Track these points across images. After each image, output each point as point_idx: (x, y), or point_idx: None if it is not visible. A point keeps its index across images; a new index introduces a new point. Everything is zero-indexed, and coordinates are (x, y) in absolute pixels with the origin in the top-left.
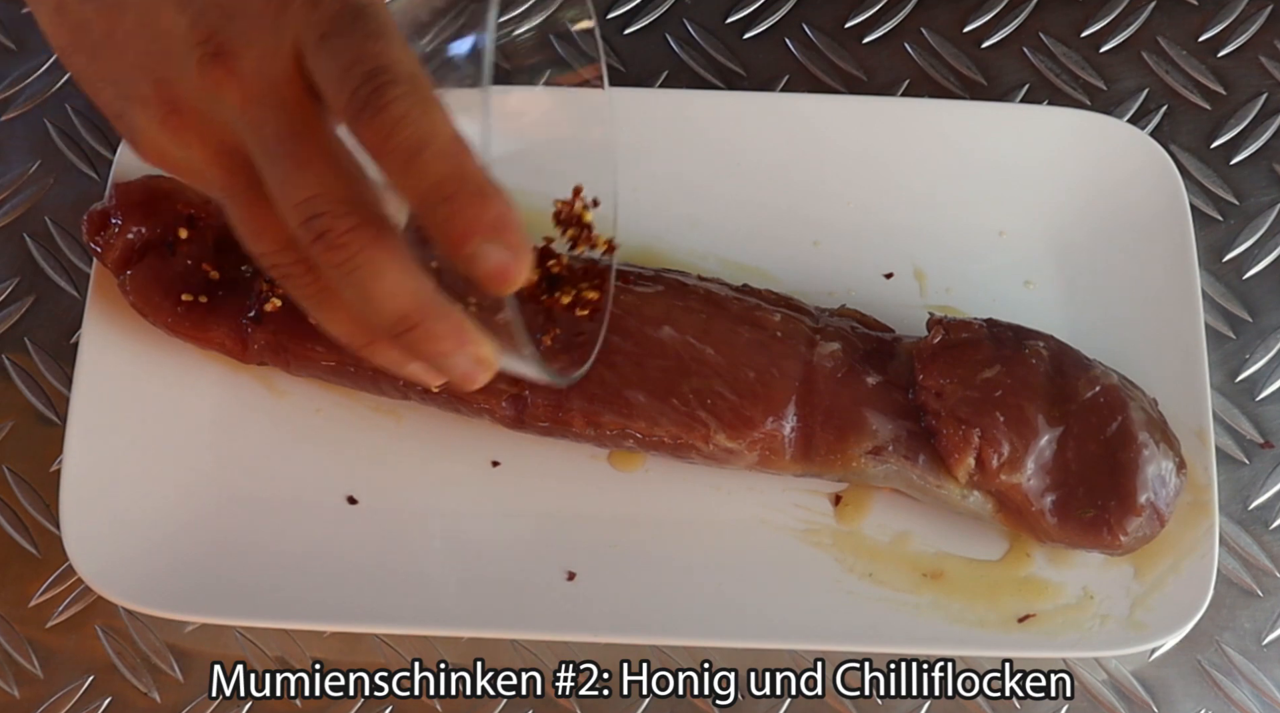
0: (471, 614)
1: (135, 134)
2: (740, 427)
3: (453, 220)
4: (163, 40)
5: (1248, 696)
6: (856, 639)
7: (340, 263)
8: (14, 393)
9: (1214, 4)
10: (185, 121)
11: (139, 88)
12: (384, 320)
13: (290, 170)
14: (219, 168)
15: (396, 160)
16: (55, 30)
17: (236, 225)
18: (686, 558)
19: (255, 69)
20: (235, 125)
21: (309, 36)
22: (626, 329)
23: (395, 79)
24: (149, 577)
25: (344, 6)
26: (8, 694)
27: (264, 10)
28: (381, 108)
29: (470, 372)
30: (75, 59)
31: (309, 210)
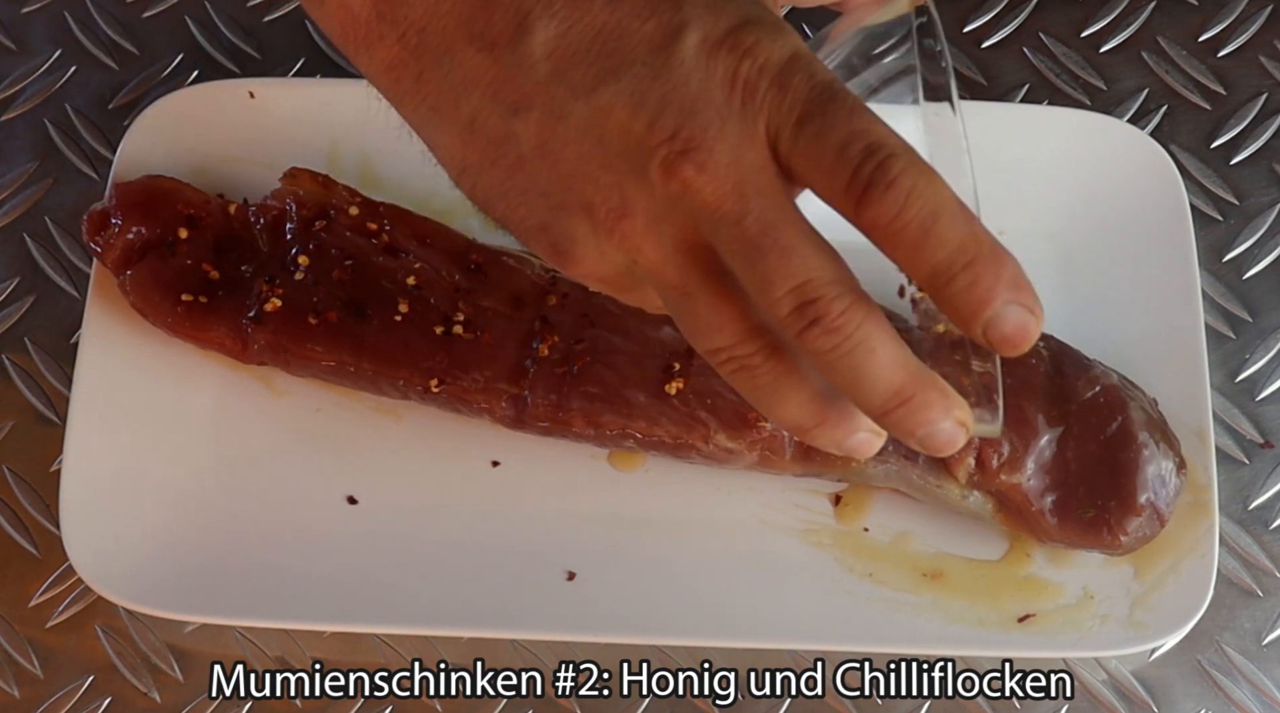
0: (471, 614)
1: (568, 245)
2: (740, 427)
3: (973, 288)
4: (612, 144)
5: (1248, 696)
6: (856, 639)
7: (835, 346)
8: (14, 393)
9: (1214, 4)
10: (636, 225)
11: (578, 196)
12: (875, 398)
13: (777, 260)
14: (674, 268)
15: (909, 236)
16: (464, 149)
17: (686, 322)
18: (686, 558)
19: (729, 162)
20: (699, 222)
21: (784, 122)
22: (626, 329)
23: (894, 153)
24: (149, 577)
25: (815, 86)
26: (8, 694)
27: (728, 101)
28: (889, 185)
29: (952, 437)
30: (489, 175)
31: (801, 297)
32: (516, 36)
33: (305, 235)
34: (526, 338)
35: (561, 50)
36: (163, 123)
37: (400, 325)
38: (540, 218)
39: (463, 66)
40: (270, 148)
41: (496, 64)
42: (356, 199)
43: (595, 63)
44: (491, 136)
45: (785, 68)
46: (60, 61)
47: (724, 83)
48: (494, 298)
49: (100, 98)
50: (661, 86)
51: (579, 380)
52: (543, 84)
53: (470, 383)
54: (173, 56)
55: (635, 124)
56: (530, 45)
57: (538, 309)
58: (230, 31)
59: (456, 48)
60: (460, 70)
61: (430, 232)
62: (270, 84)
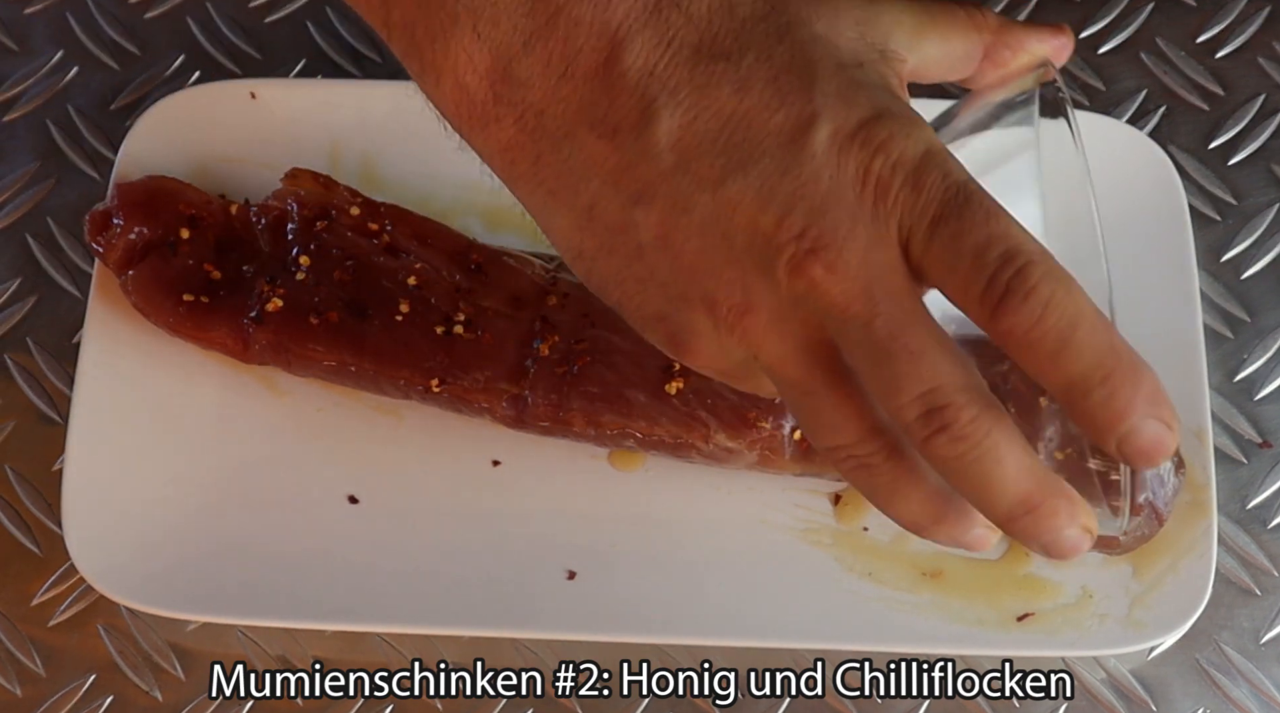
0: (472, 613)
1: (687, 337)
2: (740, 426)
3: (1109, 402)
4: (737, 239)
5: (1246, 695)
6: (856, 638)
7: (962, 454)
8: (16, 393)
9: (1212, 5)
10: (758, 322)
11: (700, 290)
12: (1001, 506)
13: (905, 364)
14: (796, 366)
15: (1045, 347)
16: (580, 235)
17: (806, 419)
18: (686, 558)
19: (859, 262)
20: (825, 321)
21: (918, 223)
22: (627, 329)
23: (1032, 260)
24: (151, 576)
25: (950, 186)
26: (10, 693)
27: (860, 199)
28: (1028, 294)
29: (1077, 544)
30: (605, 262)
31: (928, 403)
32: (641, 124)
33: (306, 235)
34: (527, 338)
35: (687, 140)
36: (164, 123)
37: (401, 325)
38: (657, 307)
39: (583, 152)
40: (271, 148)
41: (618, 151)
42: (357, 199)
43: (722, 154)
44: (610, 224)
45: (919, 165)
46: (62, 62)
47: (855, 180)
48: (494, 298)
49: (102, 98)
50: (791, 182)
51: (579, 380)
52: (667, 174)
53: (471, 383)
54: (174, 57)
55: (763, 220)
56: (655, 134)
57: (538, 309)
58: (232, 32)
59: (577, 133)
60: (580, 156)
61: (431, 232)
62: (272, 85)
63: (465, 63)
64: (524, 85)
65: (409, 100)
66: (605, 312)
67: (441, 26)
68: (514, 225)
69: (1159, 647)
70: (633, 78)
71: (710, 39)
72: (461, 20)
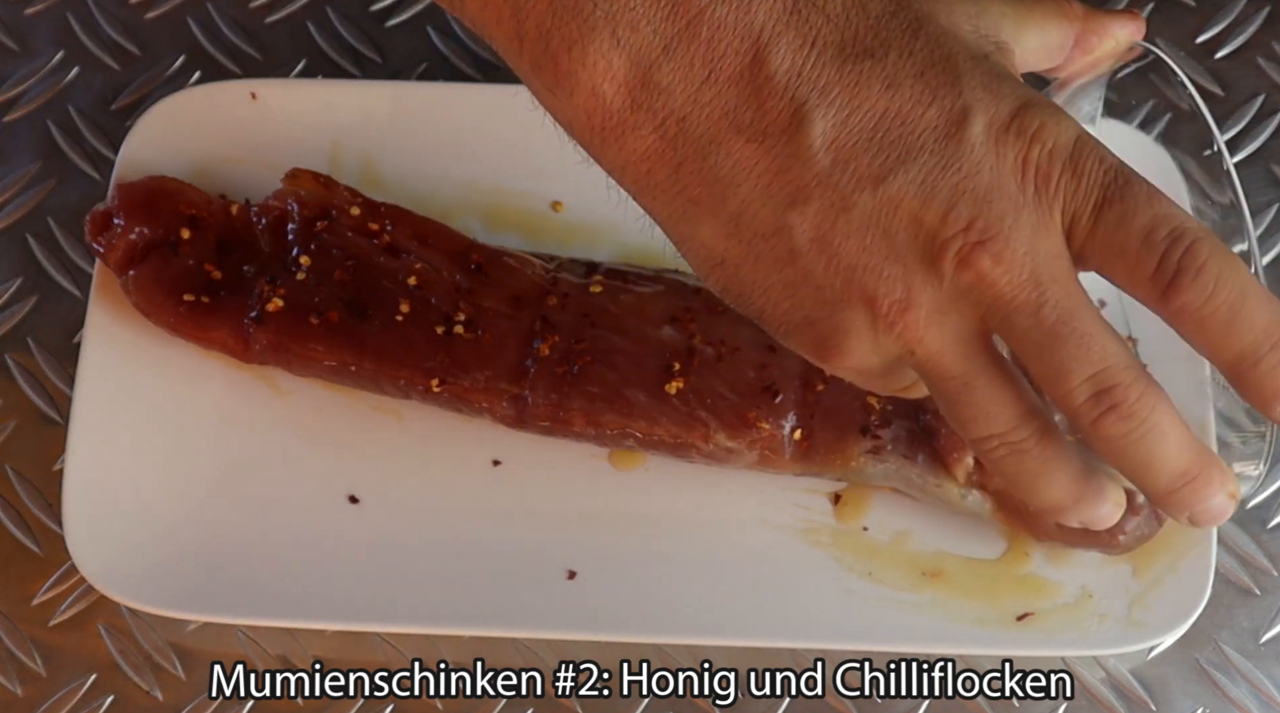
0: (472, 613)
1: (840, 338)
2: (740, 427)
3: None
4: (900, 236)
5: (1245, 694)
6: (856, 638)
7: (1129, 432)
8: (17, 393)
9: (1212, 5)
10: (919, 317)
11: (860, 289)
12: (1164, 480)
13: (1074, 348)
14: (954, 358)
15: (1217, 322)
16: (725, 242)
17: (961, 410)
18: (686, 557)
19: (1026, 251)
20: (988, 312)
21: (1082, 208)
22: (626, 329)
23: (1199, 238)
24: (151, 576)
25: (1108, 170)
26: (10, 693)
27: (1022, 188)
28: (1199, 271)
29: (1223, 510)
30: (750, 268)
31: (1098, 384)
32: (793, 126)
33: (307, 236)
34: (527, 337)
35: (842, 140)
36: (165, 124)
37: (401, 325)
38: (806, 312)
39: (730, 158)
40: (272, 148)
41: (769, 155)
42: (358, 199)
43: (880, 152)
44: (760, 230)
45: (1075, 152)
46: (63, 63)
47: (1016, 170)
48: (495, 298)
49: (103, 99)
50: (953, 176)
51: (579, 380)
52: (823, 175)
53: (471, 382)
54: (175, 58)
55: (927, 215)
56: (809, 135)
57: (538, 309)
58: (232, 33)
59: (723, 138)
60: (728, 162)
61: (431, 232)
62: (272, 85)
63: (603, 70)
64: (665, 92)
65: (409, 100)
66: (605, 312)
67: (579, 33)
68: (514, 225)
69: (1159, 647)
70: (781, 79)
71: (852, 38)
72: (600, 26)
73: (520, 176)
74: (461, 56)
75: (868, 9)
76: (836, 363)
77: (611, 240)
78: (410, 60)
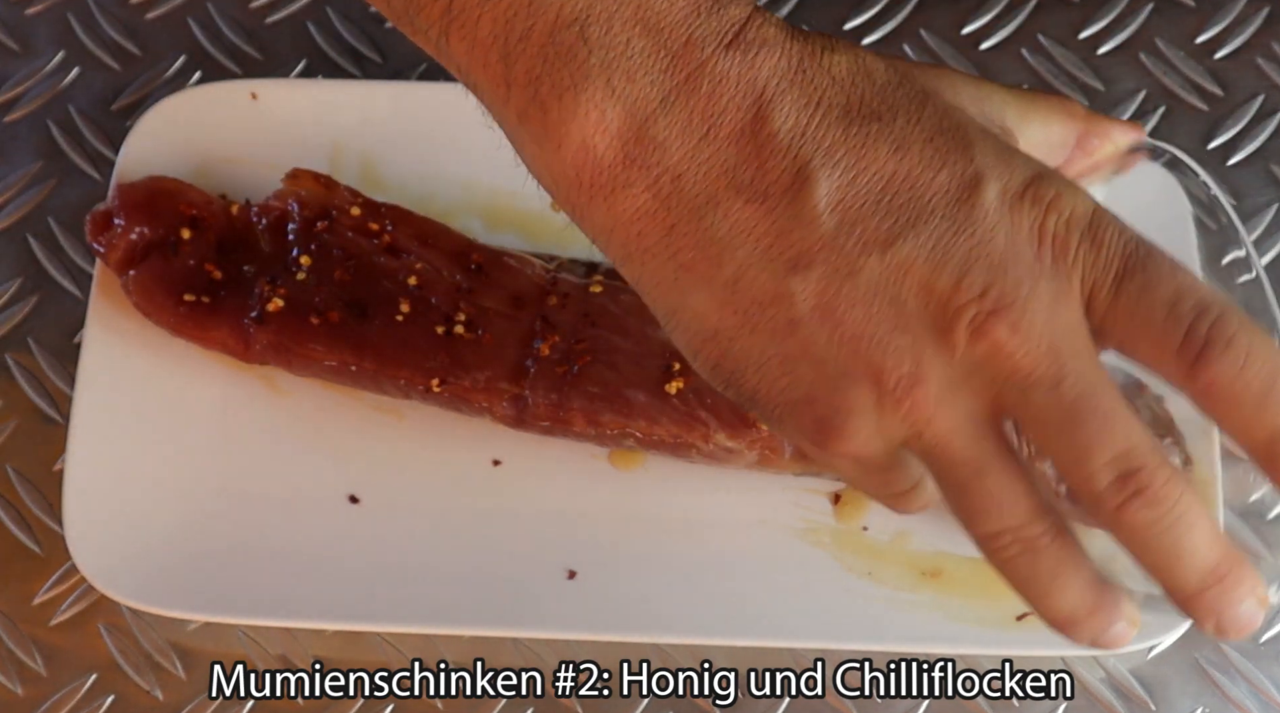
0: (472, 613)
1: (842, 419)
2: (740, 426)
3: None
4: (909, 303)
5: (1245, 694)
6: (856, 638)
7: (1157, 520)
8: (17, 393)
9: (1211, 6)
10: (928, 394)
11: (865, 362)
12: (1193, 576)
13: (1097, 427)
14: (965, 441)
15: (1250, 397)
16: (719, 312)
17: (972, 500)
18: (686, 557)
19: (1045, 322)
20: (1003, 388)
21: (1102, 278)
22: (626, 329)
23: (1226, 310)
24: (152, 575)
25: (1129, 242)
26: (11, 692)
27: (1039, 257)
28: (1229, 343)
29: (1253, 618)
30: (746, 341)
31: (1123, 466)
32: (795, 187)
33: (307, 236)
34: (527, 337)
35: (848, 202)
36: (165, 124)
37: (402, 325)
38: (806, 390)
39: (728, 219)
40: (272, 149)
41: (770, 216)
42: (358, 200)
43: (889, 216)
44: (758, 298)
45: (1093, 222)
46: (63, 63)
47: (1032, 237)
48: (495, 298)
49: (103, 99)
50: (966, 241)
51: (580, 380)
52: (828, 239)
53: (471, 382)
54: (175, 58)
55: (939, 282)
56: (812, 197)
57: (538, 309)
58: (233, 33)
59: (721, 198)
60: (725, 224)
61: (431, 232)
62: (272, 85)
63: (596, 122)
64: (661, 147)
65: (409, 100)
66: (605, 312)
67: (572, 80)
68: (514, 225)
69: (1158, 646)
70: (784, 138)
71: (858, 101)
72: (594, 74)
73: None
74: None
75: (873, 77)
76: (836, 448)
77: None
78: (410, 60)
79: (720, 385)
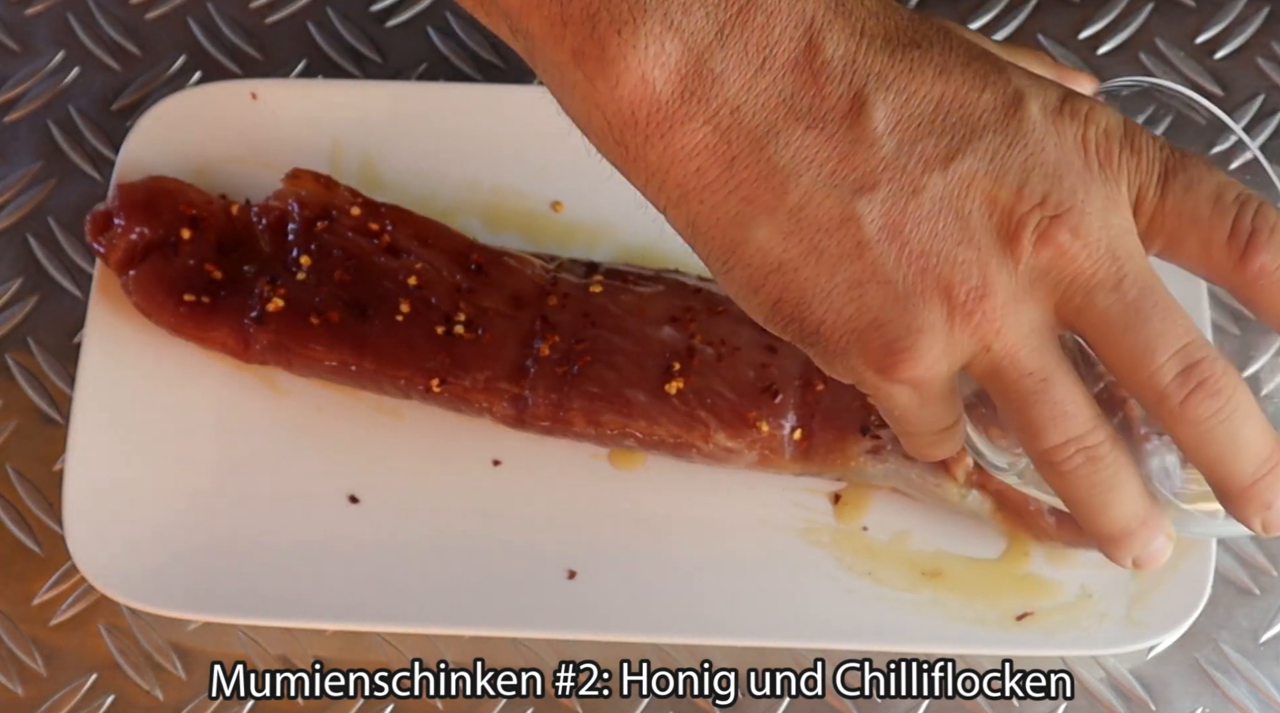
0: (472, 612)
1: (913, 339)
2: (740, 427)
3: None
4: (973, 217)
5: (1245, 694)
6: (855, 637)
7: (1217, 411)
8: (17, 393)
9: (1211, 6)
10: (996, 305)
11: (935, 278)
12: (1249, 465)
13: (1161, 321)
14: (1031, 351)
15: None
16: (784, 242)
17: (1039, 412)
18: (686, 557)
19: (1101, 225)
20: (1067, 293)
21: (1147, 180)
22: (626, 329)
23: (1264, 201)
24: (152, 575)
25: (1164, 146)
26: (11, 692)
27: (1087, 165)
28: (1273, 230)
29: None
30: (810, 270)
31: (1186, 359)
32: (853, 112)
33: (307, 236)
34: (527, 337)
35: (904, 124)
36: (165, 124)
37: (402, 325)
38: (874, 314)
39: (790, 147)
40: (272, 149)
41: (831, 142)
42: (358, 200)
43: (944, 135)
44: (824, 223)
45: (1128, 131)
46: (63, 63)
47: (1077, 148)
48: (495, 298)
49: (103, 99)
50: (1020, 153)
51: (580, 380)
52: (889, 160)
53: (471, 382)
54: (175, 58)
55: (1001, 193)
56: (871, 120)
57: (538, 309)
58: (233, 33)
59: (781, 127)
60: (787, 151)
61: (431, 232)
62: (273, 85)
63: (655, 55)
64: (718, 80)
65: (409, 100)
66: (605, 312)
67: (630, 14)
68: (514, 225)
69: (1158, 646)
70: (837, 66)
71: (895, 30)
72: (652, 8)
73: (520, 176)
74: (461, 57)
75: (900, 11)
76: (902, 372)
77: (611, 240)
78: (410, 60)
79: (780, 325)
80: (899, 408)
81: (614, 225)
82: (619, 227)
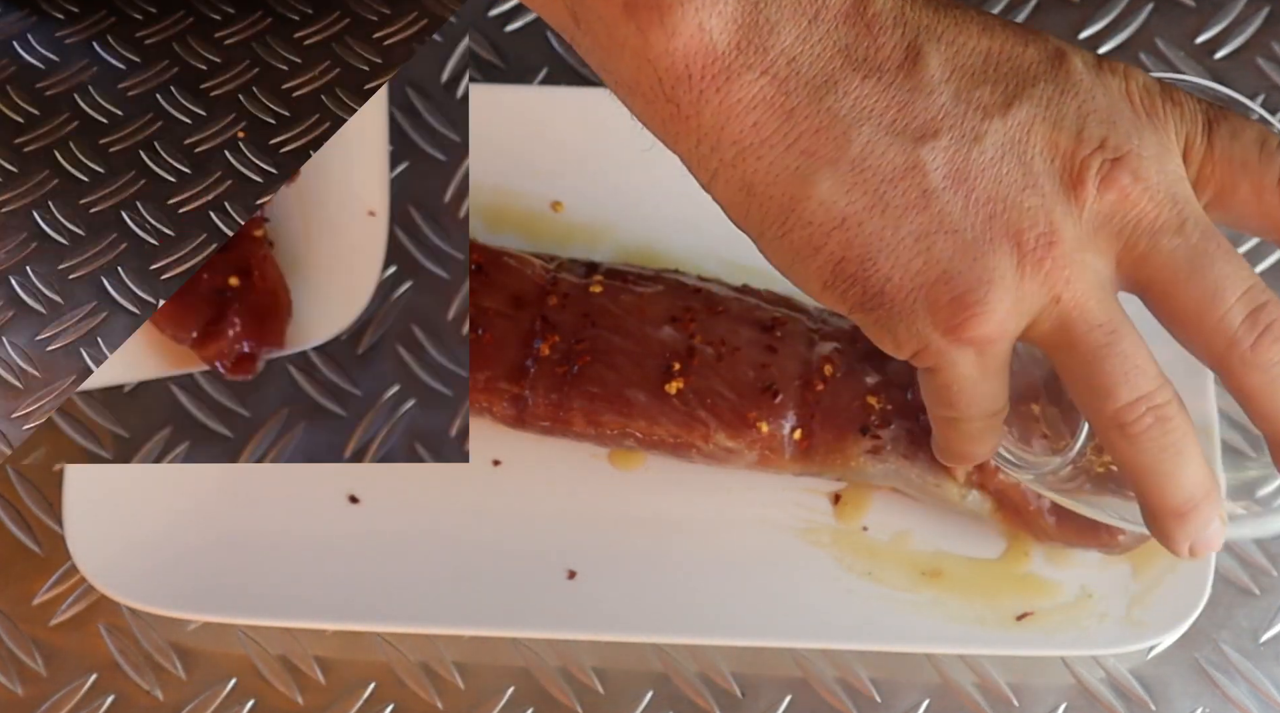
0: (472, 613)
1: (984, 291)
2: (740, 427)
3: None
4: (1035, 162)
5: (1244, 694)
6: (856, 637)
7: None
8: None
9: (1211, 6)
10: (1064, 252)
11: (1003, 225)
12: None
13: (1225, 263)
14: (1099, 302)
15: None
16: (848, 194)
17: (1110, 366)
18: (686, 557)
19: (1158, 169)
20: (1132, 238)
21: (1193, 128)
22: (626, 329)
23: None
24: (152, 576)
25: (1201, 100)
26: (11, 692)
27: (1137, 112)
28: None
29: None
30: (874, 222)
31: (1253, 301)
32: (909, 61)
33: None
34: (527, 337)
35: (959, 73)
36: None
37: None
38: (943, 266)
39: (849, 97)
40: None
41: (889, 90)
42: None
43: (998, 83)
44: (887, 173)
45: (1163, 85)
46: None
47: (1123, 98)
48: (495, 298)
49: None
50: (1073, 100)
51: (580, 380)
52: (948, 108)
53: (471, 382)
54: None
55: (1061, 138)
56: (927, 69)
57: (538, 309)
58: None
59: (839, 77)
60: (847, 101)
61: None
62: None
63: (711, 4)
64: (774, 30)
65: None
66: (606, 312)
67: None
68: (514, 225)
69: (1158, 646)
70: (888, 18)
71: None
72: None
73: (520, 177)
74: None
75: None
76: (972, 330)
77: (611, 240)
78: None
79: (841, 290)
80: (959, 380)
81: (614, 225)
82: (619, 227)
